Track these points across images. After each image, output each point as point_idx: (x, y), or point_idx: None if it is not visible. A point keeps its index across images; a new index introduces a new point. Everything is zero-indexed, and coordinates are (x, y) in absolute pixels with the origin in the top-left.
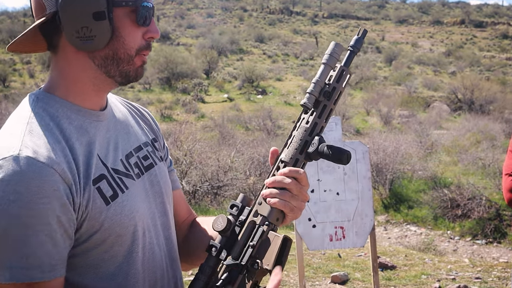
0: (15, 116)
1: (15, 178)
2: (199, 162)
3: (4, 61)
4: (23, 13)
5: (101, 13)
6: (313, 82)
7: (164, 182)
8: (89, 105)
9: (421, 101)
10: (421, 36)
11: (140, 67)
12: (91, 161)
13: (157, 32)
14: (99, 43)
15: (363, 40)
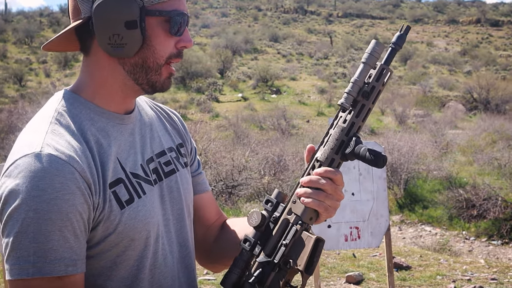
0: (40, 114)
1: (39, 174)
2: (214, 162)
3: (21, 60)
4: (39, 13)
5: (133, 22)
6: (352, 82)
7: (185, 189)
8: (114, 108)
9: (436, 101)
10: (436, 35)
11: (167, 78)
12: (110, 164)
13: (190, 41)
14: (130, 51)
15: (405, 36)
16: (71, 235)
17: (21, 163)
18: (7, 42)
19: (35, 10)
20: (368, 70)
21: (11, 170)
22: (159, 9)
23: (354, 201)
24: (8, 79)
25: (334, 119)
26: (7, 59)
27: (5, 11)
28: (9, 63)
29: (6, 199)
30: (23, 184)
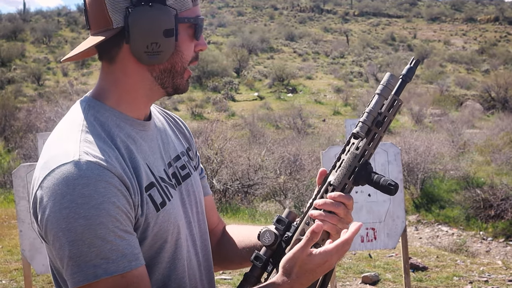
0: (67, 123)
1: (82, 181)
2: (230, 161)
3: (39, 59)
4: (57, 13)
5: (170, 30)
6: (367, 112)
7: (199, 192)
8: (137, 114)
9: (454, 100)
10: (453, 34)
11: (186, 80)
12: (142, 169)
13: (205, 44)
14: (164, 58)
15: (415, 69)
16: (124, 233)
17: (60, 173)
18: (26, 41)
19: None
20: (382, 101)
21: (49, 181)
22: (187, 16)
23: (371, 202)
24: (26, 78)
25: (346, 145)
26: (25, 58)
27: (24, 10)
28: (28, 63)
29: (52, 211)
30: (67, 194)
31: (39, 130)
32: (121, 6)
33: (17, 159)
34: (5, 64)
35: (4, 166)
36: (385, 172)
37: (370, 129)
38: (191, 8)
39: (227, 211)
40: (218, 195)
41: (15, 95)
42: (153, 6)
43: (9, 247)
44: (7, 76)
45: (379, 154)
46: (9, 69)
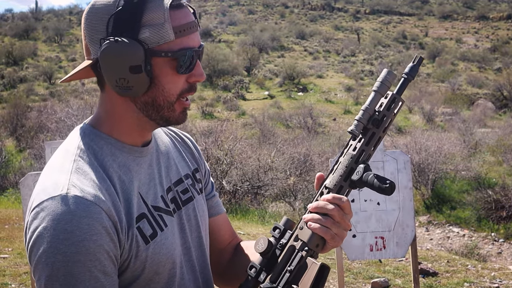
0: (63, 151)
1: (66, 217)
2: (240, 162)
3: (51, 58)
4: (69, 11)
5: (137, 67)
6: (362, 109)
7: (201, 216)
8: (132, 141)
9: (465, 99)
10: (465, 32)
11: (180, 113)
12: (133, 200)
13: (201, 75)
14: (137, 92)
15: (418, 67)
16: (101, 274)
17: (48, 206)
18: (38, 40)
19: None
20: (379, 99)
21: (37, 212)
22: (165, 49)
23: (380, 210)
24: (38, 77)
25: (344, 148)
26: (37, 57)
27: (36, 9)
28: (39, 61)
29: (35, 242)
30: (51, 228)
31: (50, 130)
32: (97, 38)
33: (28, 159)
34: (17, 63)
35: (16, 166)
36: (395, 181)
37: (367, 127)
38: (173, 40)
39: (237, 212)
40: (227, 196)
41: (27, 94)
42: (119, 41)
43: (19, 250)
44: (19, 75)
45: (388, 162)
46: (21, 68)
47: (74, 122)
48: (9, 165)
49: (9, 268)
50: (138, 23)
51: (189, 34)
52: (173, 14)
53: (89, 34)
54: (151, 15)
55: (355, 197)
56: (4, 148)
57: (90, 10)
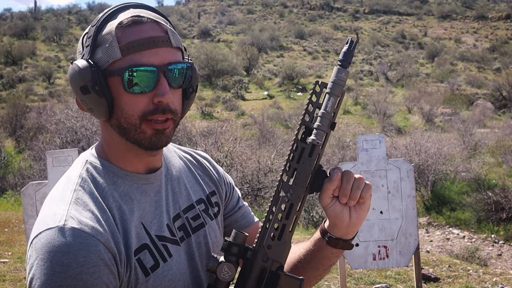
0: (65, 179)
1: (62, 249)
2: (239, 164)
3: (50, 58)
4: (68, 11)
5: (85, 87)
6: (320, 116)
7: (214, 242)
8: (134, 168)
9: (464, 99)
10: (464, 32)
11: (153, 135)
12: (132, 232)
13: (163, 94)
14: (99, 114)
15: (353, 52)
16: None
17: (45, 237)
18: (37, 39)
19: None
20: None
21: (35, 243)
22: (116, 68)
23: (383, 219)
24: (37, 76)
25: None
26: (36, 56)
27: (35, 8)
28: (38, 61)
29: (34, 275)
30: (47, 260)
31: (49, 132)
32: None
33: (27, 160)
34: (16, 63)
35: (15, 167)
36: (398, 189)
37: (327, 133)
38: (121, 58)
39: None
40: None
41: (26, 94)
42: (72, 64)
43: (19, 254)
44: (18, 74)
45: (391, 171)
46: (20, 68)
47: (74, 123)
48: (8, 166)
49: (9, 273)
50: (94, 44)
51: (141, 51)
52: (124, 32)
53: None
54: (103, 35)
55: None
56: (3, 149)
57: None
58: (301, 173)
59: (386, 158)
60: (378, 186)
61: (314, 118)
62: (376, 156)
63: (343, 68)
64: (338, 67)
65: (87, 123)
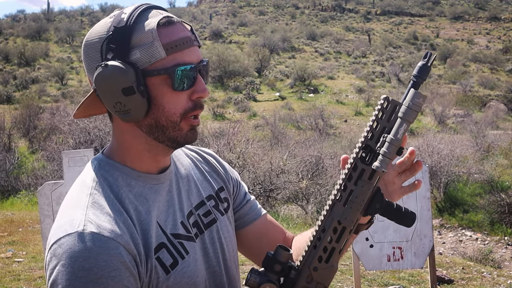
0: (79, 184)
1: (83, 254)
2: (252, 165)
3: (62, 59)
4: (81, 12)
5: (129, 88)
6: (388, 142)
7: (226, 237)
8: (147, 169)
9: (477, 100)
10: (477, 33)
11: (189, 131)
12: (151, 231)
13: (203, 91)
14: (137, 115)
15: (430, 67)
16: None
17: (65, 243)
18: (49, 41)
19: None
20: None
21: (55, 249)
22: (158, 67)
23: None
24: (50, 77)
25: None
26: (49, 58)
27: (48, 10)
28: (51, 62)
29: (54, 281)
30: (68, 266)
31: (62, 132)
32: (93, 66)
33: (40, 160)
34: (29, 64)
35: (28, 168)
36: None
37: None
38: (165, 58)
39: None
40: None
41: (39, 95)
42: (109, 65)
43: (34, 254)
44: (31, 75)
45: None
46: (33, 69)
47: (87, 124)
48: (22, 167)
49: (24, 273)
50: (128, 46)
51: (182, 50)
52: (163, 32)
53: (87, 65)
54: (140, 36)
55: None
56: (17, 149)
57: (85, 42)
58: (358, 196)
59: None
60: None
61: (380, 140)
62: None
63: (417, 86)
64: (415, 91)
65: (100, 124)
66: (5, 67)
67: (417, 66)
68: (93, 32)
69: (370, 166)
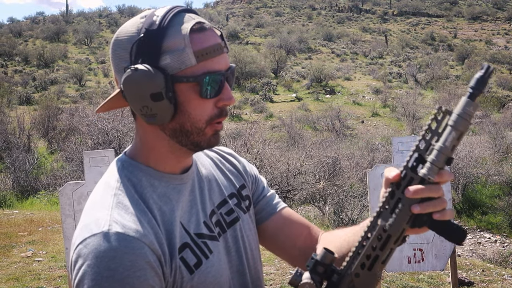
0: (103, 184)
1: (108, 254)
2: (269, 166)
3: (81, 60)
4: (99, 14)
5: (158, 94)
6: (437, 150)
7: (248, 236)
8: (170, 169)
9: (496, 101)
10: (495, 33)
11: (212, 136)
12: (175, 231)
13: (229, 99)
14: (163, 119)
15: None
16: None
17: (90, 243)
18: (68, 42)
19: (94, 11)
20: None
21: (81, 249)
22: (188, 75)
23: None
24: (69, 79)
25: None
26: (67, 59)
27: (66, 12)
28: (70, 63)
29: (80, 281)
30: (94, 265)
31: (81, 133)
32: (122, 67)
33: (59, 161)
34: (48, 65)
35: (47, 168)
36: None
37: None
38: (195, 65)
39: None
40: None
41: (58, 96)
42: (139, 69)
43: (53, 253)
44: (50, 77)
45: None
46: (52, 70)
47: (105, 125)
48: (41, 167)
49: (44, 272)
50: (159, 50)
51: (212, 57)
52: (194, 38)
53: (115, 64)
54: (172, 41)
55: None
56: (36, 150)
57: (115, 41)
58: (405, 205)
59: None
60: None
61: (430, 148)
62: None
63: (473, 98)
64: (467, 99)
65: (118, 125)
66: (24, 68)
67: (474, 77)
68: (123, 31)
69: (418, 175)
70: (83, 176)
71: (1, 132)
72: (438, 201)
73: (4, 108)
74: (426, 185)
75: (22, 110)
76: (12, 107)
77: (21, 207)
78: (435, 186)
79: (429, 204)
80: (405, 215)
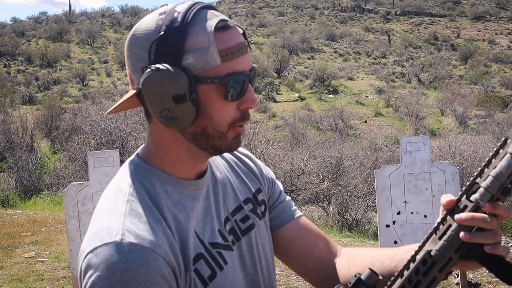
0: (114, 189)
1: (121, 266)
2: (273, 166)
3: (83, 60)
4: (101, 14)
5: (181, 96)
6: (493, 176)
7: (263, 243)
8: (185, 174)
9: (499, 101)
10: (498, 33)
11: (233, 139)
12: (189, 241)
13: (253, 102)
14: (184, 123)
15: None
16: None
17: (102, 253)
18: (71, 42)
19: (97, 11)
20: None
21: (91, 258)
22: (212, 75)
23: (427, 223)
24: (71, 78)
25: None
26: (70, 59)
27: (69, 12)
28: (73, 63)
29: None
30: (105, 278)
31: (84, 133)
32: (139, 66)
33: (62, 160)
34: (51, 65)
35: (50, 168)
36: (442, 193)
37: (494, 196)
38: (220, 65)
39: None
40: None
41: (61, 96)
42: (161, 69)
43: (57, 254)
44: (53, 76)
45: (436, 174)
46: (55, 70)
47: (109, 125)
48: (44, 167)
49: (47, 272)
50: (181, 49)
51: (237, 57)
52: (219, 37)
53: (131, 63)
54: (195, 39)
55: (401, 209)
56: (39, 149)
57: (131, 38)
58: (455, 232)
59: (430, 161)
60: (422, 189)
61: (486, 176)
62: (420, 159)
63: None
64: None
65: (121, 124)
66: (27, 68)
67: None
68: (141, 28)
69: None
70: (87, 176)
71: (4, 131)
72: (490, 233)
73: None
74: (479, 213)
75: (25, 110)
76: (15, 107)
77: (24, 207)
78: (488, 217)
79: (480, 234)
80: (453, 243)
